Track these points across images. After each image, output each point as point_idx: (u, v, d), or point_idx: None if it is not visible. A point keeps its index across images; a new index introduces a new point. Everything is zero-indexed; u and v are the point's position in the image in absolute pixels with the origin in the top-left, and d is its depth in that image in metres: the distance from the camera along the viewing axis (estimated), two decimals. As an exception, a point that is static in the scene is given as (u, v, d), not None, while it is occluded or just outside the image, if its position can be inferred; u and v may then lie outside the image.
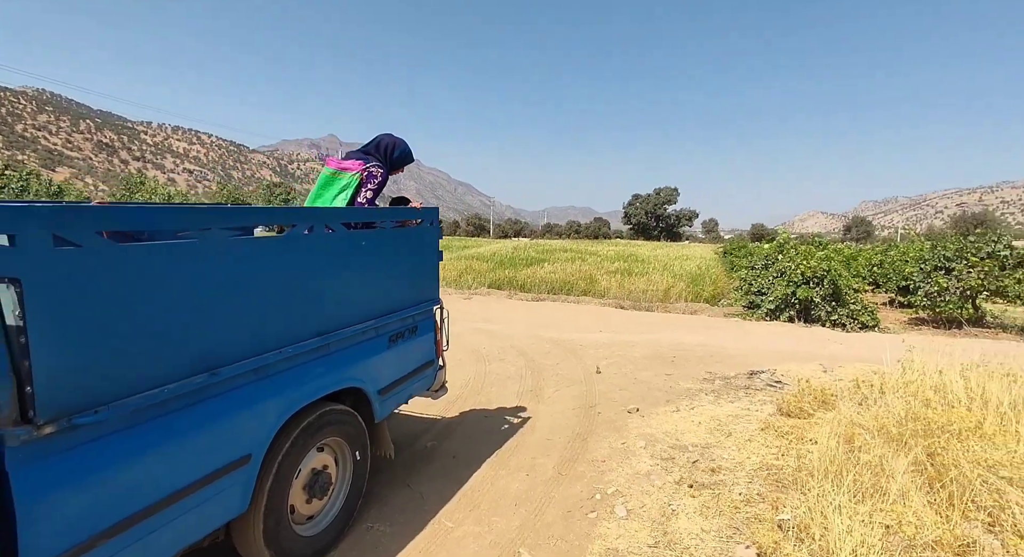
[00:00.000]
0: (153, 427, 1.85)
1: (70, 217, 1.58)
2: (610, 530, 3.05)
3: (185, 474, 1.96)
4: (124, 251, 1.73)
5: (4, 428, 1.47)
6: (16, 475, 1.48)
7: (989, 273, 8.76)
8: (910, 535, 2.50)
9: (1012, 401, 3.72)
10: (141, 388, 1.80)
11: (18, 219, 1.45)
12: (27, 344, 1.48)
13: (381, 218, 3.10)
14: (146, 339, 1.81)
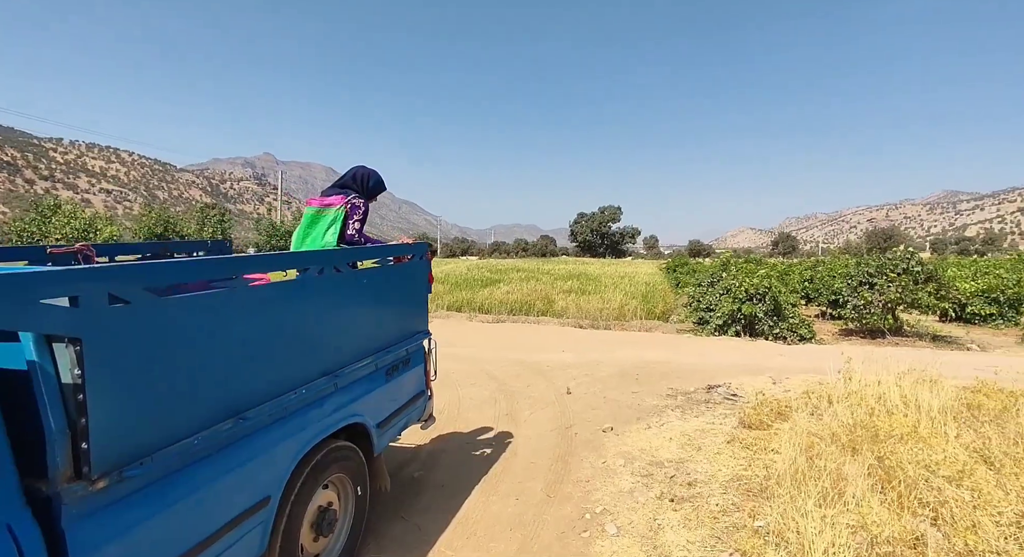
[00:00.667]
0: (187, 475, 1.87)
1: (122, 275, 1.62)
2: (604, 548, 3.22)
3: (215, 519, 1.98)
4: (164, 304, 1.78)
5: (60, 486, 1.48)
6: (71, 533, 1.49)
7: (905, 287, 9.75)
8: (874, 533, 2.83)
9: (941, 406, 4.24)
10: (179, 436, 1.83)
11: (80, 280, 1.49)
12: (85, 401, 1.50)
13: (380, 256, 3.20)
14: (183, 387, 1.84)
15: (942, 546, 2.85)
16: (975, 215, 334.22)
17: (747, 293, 10.12)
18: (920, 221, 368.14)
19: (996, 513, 2.97)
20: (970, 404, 4.72)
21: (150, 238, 45.56)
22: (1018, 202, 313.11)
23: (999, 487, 3.23)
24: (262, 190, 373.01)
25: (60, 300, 1.47)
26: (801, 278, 14.67)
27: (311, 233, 3.30)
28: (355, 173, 3.48)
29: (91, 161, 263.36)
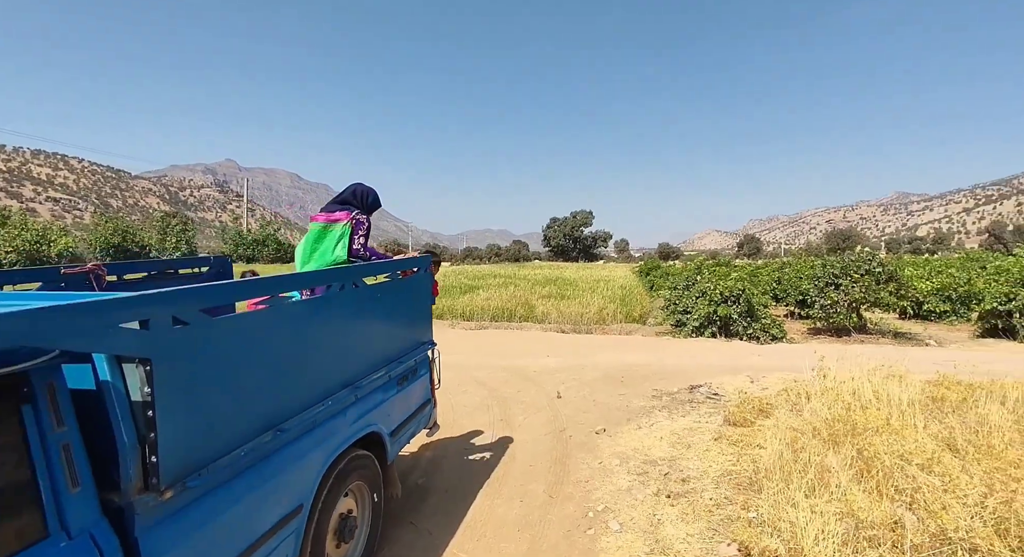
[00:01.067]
0: (235, 485, 1.96)
1: (182, 298, 1.71)
2: (610, 544, 3.39)
3: (258, 527, 2.07)
4: (217, 324, 1.87)
5: (133, 497, 1.57)
6: (144, 541, 1.58)
7: (868, 287, 10.31)
8: (859, 518, 3.08)
9: (909, 399, 4.58)
10: (229, 448, 1.92)
11: (150, 305, 1.58)
12: (154, 418, 1.59)
13: (391, 270, 3.31)
14: (231, 401, 1.94)
15: (918, 528, 3.11)
16: (925, 215, 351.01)
17: (722, 295, 10.52)
18: (875, 222, 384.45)
19: (963, 495, 3.26)
20: (934, 397, 5.10)
21: (107, 248, 43.84)
22: (963, 203, 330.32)
23: (964, 472, 3.54)
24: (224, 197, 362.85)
25: (132, 323, 1.56)
26: (770, 279, 15.26)
27: (319, 247, 3.40)
28: (355, 190, 3.58)
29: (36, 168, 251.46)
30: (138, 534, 1.57)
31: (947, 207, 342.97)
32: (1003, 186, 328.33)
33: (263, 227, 44.92)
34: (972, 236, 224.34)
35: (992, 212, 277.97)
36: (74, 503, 1.46)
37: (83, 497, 1.48)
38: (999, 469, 3.48)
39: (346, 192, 3.57)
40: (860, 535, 3.02)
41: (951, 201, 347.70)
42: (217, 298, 1.88)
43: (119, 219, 49.43)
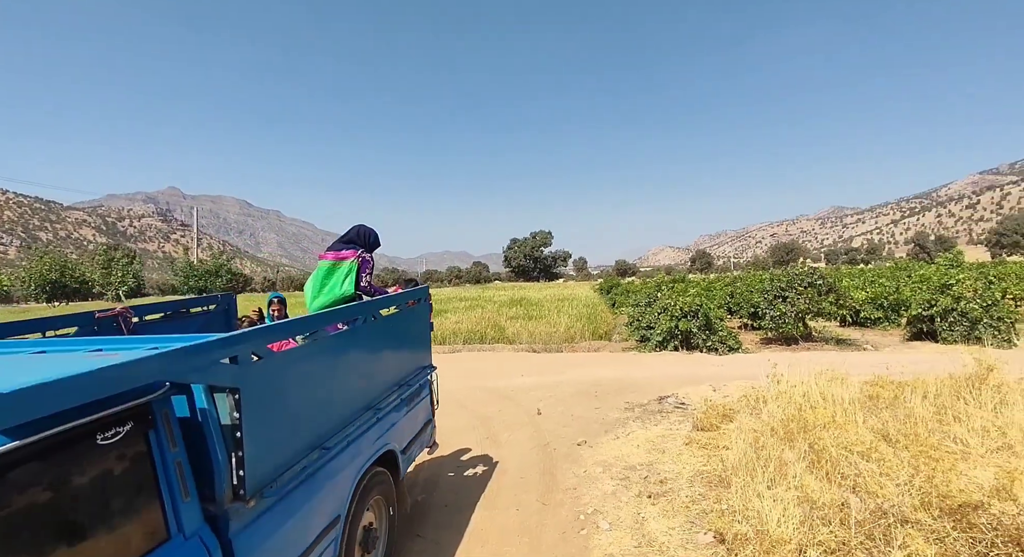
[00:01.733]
0: (294, 496, 2.26)
1: (257, 336, 2.04)
2: (602, 541, 3.78)
3: (311, 532, 2.36)
4: (279, 357, 2.20)
5: (227, 506, 1.87)
6: (237, 542, 1.87)
7: (812, 299, 11.26)
8: (813, 502, 3.59)
9: (850, 398, 5.22)
10: (291, 464, 2.22)
11: (239, 343, 1.91)
12: (241, 438, 1.90)
13: (399, 302, 3.67)
14: (290, 423, 2.25)
15: (860, 506, 3.65)
16: (859, 228, 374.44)
17: (681, 311, 11.23)
18: (814, 235, 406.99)
19: (895, 477, 3.84)
20: (871, 395, 5.78)
21: (42, 285, 41.29)
22: (891, 215, 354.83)
23: (896, 457, 4.14)
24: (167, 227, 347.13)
25: (225, 359, 1.88)
26: (723, 294, 16.24)
27: (328, 283, 3.71)
28: (359, 231, 3.92)
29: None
30: (231, 536, 1.87)
31: (877, 219, 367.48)
32: (924, 199, 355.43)
33: (215, 257, 43.43)
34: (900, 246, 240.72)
35: (916, 223, 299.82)
36: (187, 511, 1.75)
37: (192, 506, 1.78)
38: (923, 453, 4.10)
39: (351, 233, 3.91)
40: (814, 515, 3.52)
41: (880, 214, 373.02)
42: (280, 335, 2.21)
43: (56, 254, 46.69)
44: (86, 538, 1.45)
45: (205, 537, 1.78)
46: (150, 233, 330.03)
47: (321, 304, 3.49)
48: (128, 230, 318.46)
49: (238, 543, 1.88)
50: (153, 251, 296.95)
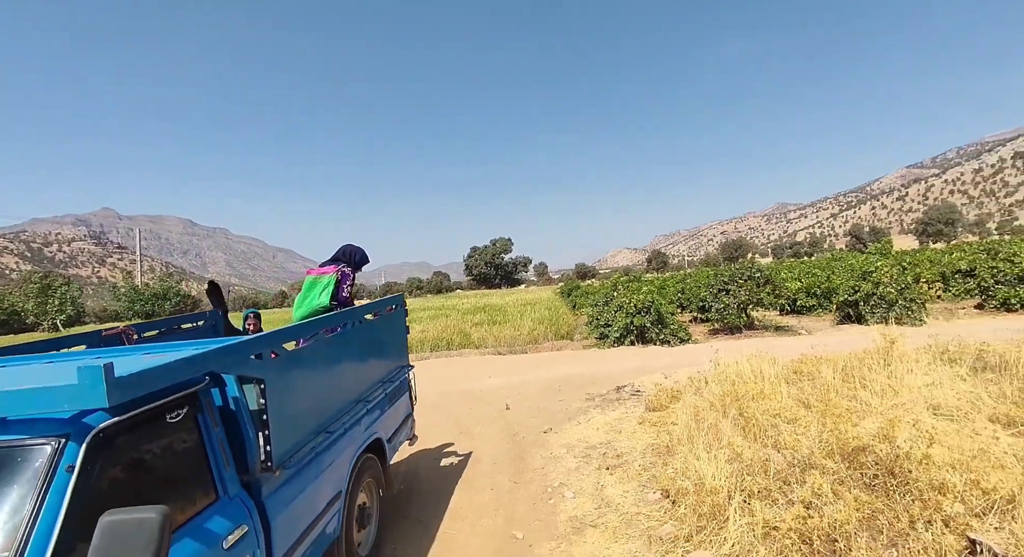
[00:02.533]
0: (305, 472, 2.71)
1: (275, 338, 2.50)
2: (567, 507, 4.34)
3: (319, 504, 2.81)
4: (291, 354, 2.65)
5: (258, 475, 2.31)
6: (267, 503, 2.32)
7: (751, 291, 12.26)
8: (742, 458, 4.26)
9: (775, 374, 6.00)
10: (301, 445, 2.68)
11: (263, 344, 2.37)
12: (267, 420, 2.36)
13: (379, 308, 4.14)
14: (301, 409, 2.71)
15: (779, 459, 4.35)
16: (801, 222, 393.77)
17: (636, 308, 12.01)
18: (761, 231, 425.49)
19: (808, 434, 4.57)
20: (796, 371, 6.60)
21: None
22: (830, 210, 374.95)
23: (810, 418, 4.88)
24: (102, 250, 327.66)
25: (252, 356, 2.33)
26: (675, 290, 17.24)
27: (310, 295, 4.14)
28: (344, 250, 4.38)
29: None
30: (264, 499, 2.31)
31: (818, 214, 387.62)
32: (859, 193, 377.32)
33: (163, 279, 41.87)
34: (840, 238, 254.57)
35: (853, 216, 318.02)
36: (229, 478, 2.19)
37: (232, 474, 2.22)
38: (830, 412, 4.86)
39: (338, 252, 4.36)
40: (742, 469, 4.19)
41: (821, 208, 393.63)
42: (290, 337, 2.67)
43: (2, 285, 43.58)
44: (168, 492, 1.88)
45: (244, 499, 2.22)
46: (82, 258, 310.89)
47: (301, 315, 3.92)
48: (57, 255, 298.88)
49: (268, 505, 2.33)
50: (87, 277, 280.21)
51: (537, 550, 3.72)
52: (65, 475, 1.57)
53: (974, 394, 5.17)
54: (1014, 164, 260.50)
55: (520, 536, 3.94)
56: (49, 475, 1.55)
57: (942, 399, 5.10)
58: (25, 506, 1.51)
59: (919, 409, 4.88)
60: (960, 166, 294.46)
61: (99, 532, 1.43)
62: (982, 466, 3.60)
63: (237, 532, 2.09)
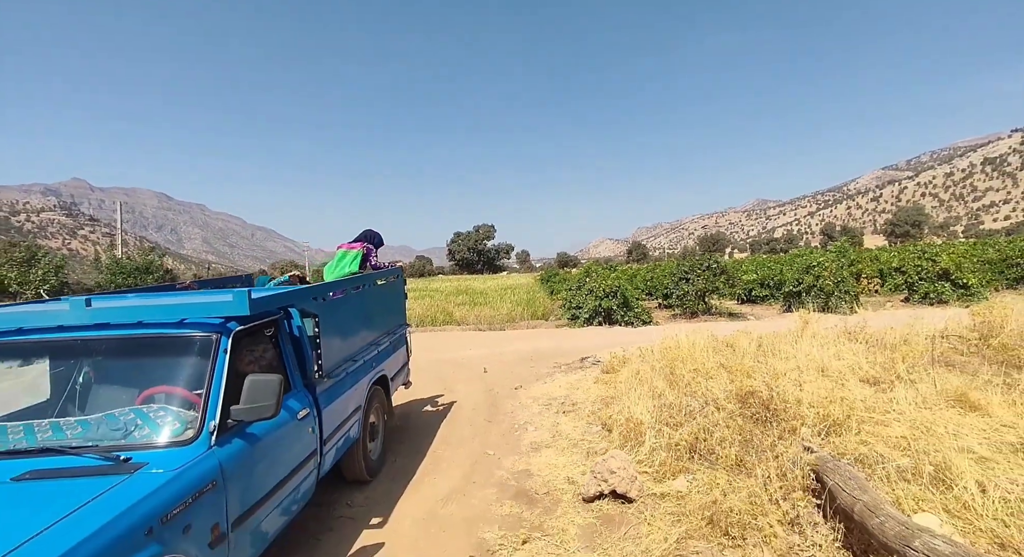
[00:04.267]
0: (338, 386, 3.84)
1: (324, 289, 3.62)
2: (529, 436, 5.55)
3: (349, 409, 3.96)
4: (334, 301, 3.78)
5: (315, 379, 3.45)
6: (320, 398, 3.46)
7: (708, 280, 13.62)
8: (666, 401, 5.51)
9: (704, 343, 7.29)
10: (339, 365, 3.82)
11: (317, 291, 3.50)
12: (320, 343, 3.48)
13: (386, 276, 5.27)
14: (339, 338, 3.84)
15: (693, 403, 5.62)
16: (780, 219, 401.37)
17: (604, 292, 13.28)
18: (741, 226, 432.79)
19: (719, 386, 5.84)
20: (728, 343, 7.90)
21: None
22: (808, 207, 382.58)
23: (726, 376, 6.16)
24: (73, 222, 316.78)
25: (312, 298, 3.45)
26: (644, 279, 18.59)
27: (341, 264, 5.24)
28: (367, 233, 5.52)
29: None
30: (317, 396, 3.45)
31: (796, 211, 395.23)
32: (836, 192, 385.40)
33: (146, 254, 41.84)
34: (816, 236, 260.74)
35: (830, 214, 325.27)
36: (297, 378, 3.32)
37: (297, 376, 3.34)
38: (738, 369, 6.14)
39: (361, 234, 5.50)
40: (662, 408, 5.44)
41: (799, 206, 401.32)
42: (333, 289, 3.80)
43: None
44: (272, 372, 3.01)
45: (306, 393, 3.36)
46: (51, 229, 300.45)
47: (336, 276, 5.04)
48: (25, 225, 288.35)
49: (320, 399, 3.46)
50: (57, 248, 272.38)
51: (504, 461, 4.92)
52: (223, 354, 2.68)
53: (855, 362, 6.51)
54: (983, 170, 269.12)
55: (492, 453, 5.14)
56: (215, 353, 2.67)
57: (830, 364, 6.43)
58: (206, 369, 2.62)
59: (810, 370, 6.20)
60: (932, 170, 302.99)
61: (247, 385, 2.56)
62: (829, 405, 4.90)
63: (303, 411, 3.23)
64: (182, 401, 2.56)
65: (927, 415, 4.54)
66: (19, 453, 2.26)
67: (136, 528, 1.90)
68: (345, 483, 4.39)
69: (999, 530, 2.92)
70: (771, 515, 3.49)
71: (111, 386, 2.75)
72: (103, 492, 1.98)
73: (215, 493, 2.32)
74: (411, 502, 4.16)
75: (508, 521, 3.77)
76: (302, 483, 3.17)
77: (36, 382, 2.98)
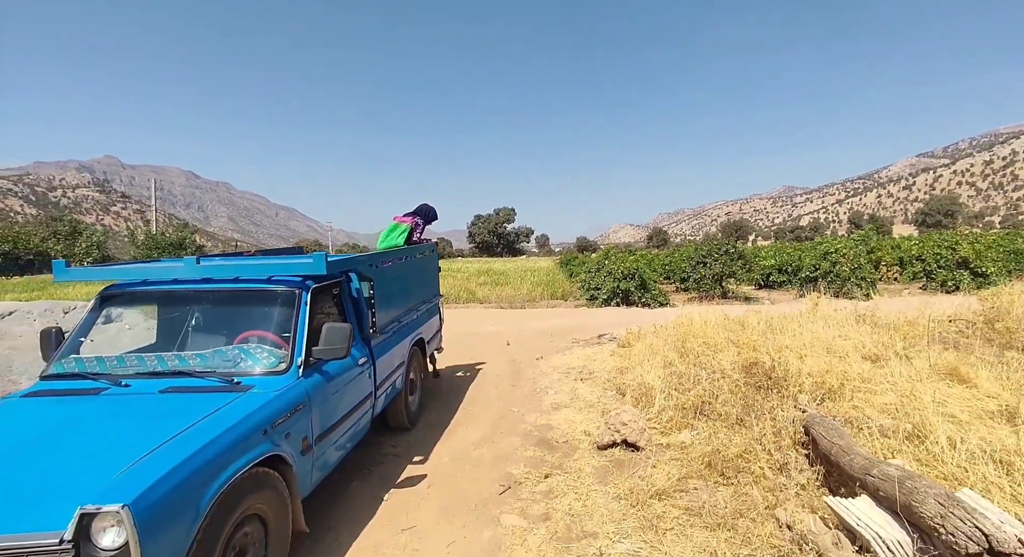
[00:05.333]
0: (388, 342, 4.43)
1: (378, 257, 4.20)
2: (549, 398, 6.12)
3: (395, 363, 4.56)
4: (384, 268, 4.35)
5: (370, 334, 4.04)
6: (375, 350, 4.06)
7: (725, 264, 13.93)
8: (676, 370, 6.01)
9: (716, 320, 7.73)
10: (388, 324, 4.41)
11: (373, 259, 4.08)
12: (374, 303, 4.07)
13: (424, 250, 5.84)
14: (388, 301, 4.42)
15: (699, 374, 6.10)
16: (807, 207, 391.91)
17: (622, 273, 13.71)
18: (766, 213, 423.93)
19: (726, 358, 6.31)
20: (739, 321, 8.32)
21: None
22: (836, 195, 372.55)
23: (734, 350, 6.62)
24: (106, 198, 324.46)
25: (369, 264, 4.03)
26: (662, 263, 18.92)
27: (391, 235, 5.81)
28: (421, 208, 6.08)
29: None
30: (372, 348, 4.04)
31: (824, 199, 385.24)
32: (866, 180, 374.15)
33: (179, 230, 43.38)
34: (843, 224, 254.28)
35: (859, 203, 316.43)
36: (356, 333, 3.91)
37: (356, 332, 3.93)
38: (745, 343, 6.59)
39: (417, 207, 6.05)
40: (672, 375, 5.94)
41: (827, 194, 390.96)
42: (384, 259, 4.38)
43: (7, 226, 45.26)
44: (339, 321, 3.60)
45: (363, 345, 3.95)
46: (87, 204, 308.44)
47: (383, 247, 5.63)
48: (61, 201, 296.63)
49: (375, 351, 4.06)
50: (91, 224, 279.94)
51: (527, 417, 5.50)
52: (304, 305, 3.27)
53: (859, 340, 6.90)
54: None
55: (516, 410, 5.73)
56: (298, 303, 3.26)
57: (835, 343, 6.83)
58: (292, 317, 3.21)
59: (814, 347, 6.62)
60: (971, 157, 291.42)
61: (325, 330, 3.15)
62: (826, 375, 5.35)
63: (363, 359, 3.83)
64: (272, 342, 3.17)
65: (916, 386, 4.96)
66: (158, 374, 2.88)
67: (257, 427, 2.50)
68: (389, 431, 5.02)
69: (959, 474, 3.38)
70: (763, 461, 4.00)
71: (214, 328, 3.37)
72: (230, 402, 2.59)
73: (304, 413, 2.93)
74: (447, 446, 4.78)
75: (532, 461, 4.35)
76: (361, 418, 3.78)
77: (146, 329, 3.64)
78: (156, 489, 1.93)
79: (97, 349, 3.26)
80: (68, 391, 2.77)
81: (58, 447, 2.24)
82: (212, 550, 2.16)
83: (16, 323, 5.12)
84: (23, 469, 2.10)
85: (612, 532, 3.26)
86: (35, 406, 2.63)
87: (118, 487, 1.89)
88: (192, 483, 2.07)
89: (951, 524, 2.10)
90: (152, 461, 2.07)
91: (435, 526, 3.44)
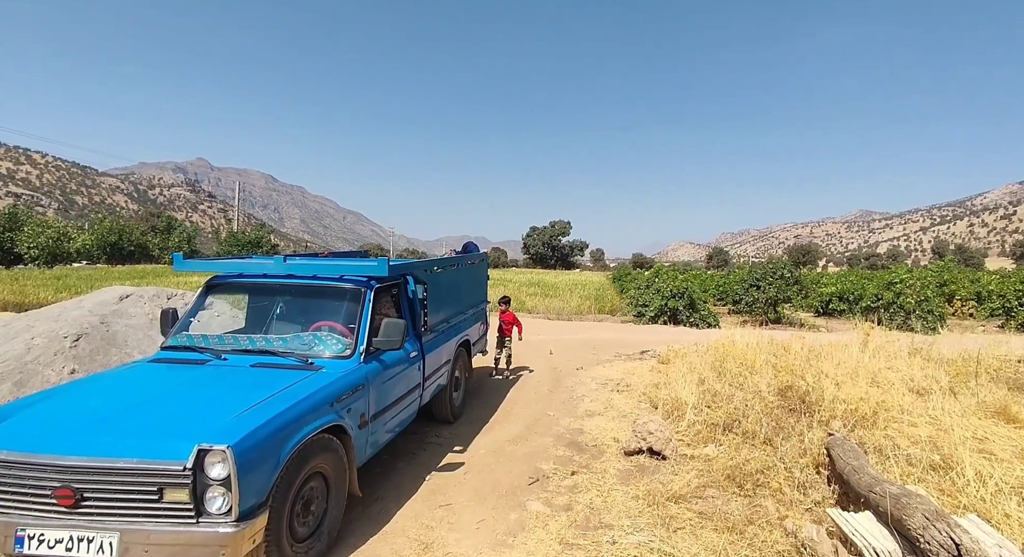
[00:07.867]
0: (436, 340, 4.93)
1: (432, 263, 4.73)
2: (584, 405, 6.43)
3: (443, 359, 5.05)
4: (437, 274, 4.88)
5: (422, 332, 4.55)
6: (425, 347, 4.56)
7: (780, 288, 13.66)
8: (712, 390, 6.17)
9: (759, 343, 7.76)
10: (438, 324, 4.91)
11: (428, 265, 4.62)
12: (427, 305, 4.58)
13: (475, 258, 6.36)
14: (439, 304, 4.93)
15: (734, 393, 6.22)
16: (885, 233, 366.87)
17: (671, 292, 13.74)
18: (839, 238, 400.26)
19: (764, 381, 6.39)
20: (783, 346, 8.29)
21: (103, 246, 45.10)
22: (920, 222, 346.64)
23: (772, 372, 6.68)
24: (195, 197, 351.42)
25: (425, 269, 4.56)
26: (716, 284, 18.65)
27: None
28: (466, 246, 6.63)
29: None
30: (423, 343, 4.55)
31: (906, 226, 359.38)
32: (957, 207, 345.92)
33: (257, 230, 46.62)
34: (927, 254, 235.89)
35: (947, 231, 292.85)
36: (410, 329, 4.43)
37: (410, 328, 4.45)
38: (785, 368, 6.64)
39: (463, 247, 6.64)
40: (706, 392, 6.11)
41: (910, 220, 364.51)
42: (437, 265, 4.90)
43: (115, 220, 50.31)
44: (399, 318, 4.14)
45: (416, 341, 4.47)
46: (179, 202, 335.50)
47: None
48: (159, 198, 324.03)
49: (425, 347, 4.57)
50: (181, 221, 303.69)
51: (561, 421, 5.85)
52: (368, 302, 3.81)
53: (908, 373, 6.77)
54: None
55: (552, 414, 6.09)
56: (363, 300, 3.81)
57: (881, 373, 6.74)
58: (357, 311, 3.76)
59: (857, 376, 6.57)
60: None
61: (384, 324, 3.67)
62: (859, 402, 5.37)
63: (414, 353, 4.34)
64: (340, 331, 3.73)
65: (957, 420, 4.92)
66: (249, 351, 3.50)
67: (326, 400, 3.03)
68: (434, 422, 5.51)
69: (978, 505, 3.45)
70: (782, 477, 4.17)
71: (294, 317, 3.98)
72: (305, 378, 3.15)
73: (364, 393, 3.45)
74: (485, 440, 5.21)
75: (561, 459, 4.70)
76: (410, 405, 4.28)
77: (231, 317, 4.31)
78: (251, 437, 2.48)
79: (201, 329, 3.95)
80: (181, 361, 3.44)
81: (177, 400, 2.86)
82: (287, 494, 2.68)
83: (131, 305, 6.05)
84: (152, 414, 2.71)
85: (627, 525, 3.56)
86: (158, 370, 3.30)
87: (225, 432, 2.45)
88: (276, 437, 2.61)
89: (929, 534, 2.29)
90: (248, 417, 2.62)
91: (468, 505, 3.87)
